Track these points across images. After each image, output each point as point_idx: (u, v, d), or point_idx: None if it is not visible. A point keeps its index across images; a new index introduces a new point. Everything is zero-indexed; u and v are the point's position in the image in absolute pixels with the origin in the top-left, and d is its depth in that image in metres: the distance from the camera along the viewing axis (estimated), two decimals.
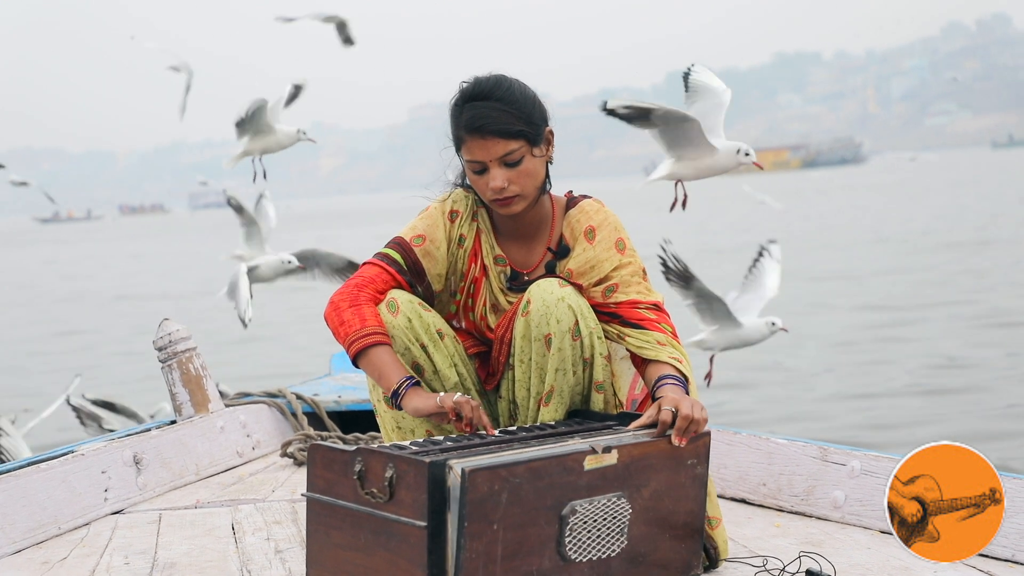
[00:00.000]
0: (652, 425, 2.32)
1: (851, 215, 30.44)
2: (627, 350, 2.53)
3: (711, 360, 4.62)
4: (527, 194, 2.52)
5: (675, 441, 2.26)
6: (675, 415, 2.28)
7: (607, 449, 2.17)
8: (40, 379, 11.49)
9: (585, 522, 2.15)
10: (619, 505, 2.19)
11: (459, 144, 2.53)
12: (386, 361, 2.46)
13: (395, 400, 2.45)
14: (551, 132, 2.57)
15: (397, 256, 2.59)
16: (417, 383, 2.45)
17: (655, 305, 2.53)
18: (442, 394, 2.39)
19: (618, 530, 2.20)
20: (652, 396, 2.44)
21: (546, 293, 2.45)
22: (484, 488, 2.02)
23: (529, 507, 2.08)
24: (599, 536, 2.18)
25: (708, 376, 4.57)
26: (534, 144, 2.51)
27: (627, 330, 2.50)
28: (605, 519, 2.18)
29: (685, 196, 3.99)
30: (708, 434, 2.32)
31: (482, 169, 2.50)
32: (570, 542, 2.14)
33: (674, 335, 2.51)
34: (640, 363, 2.51)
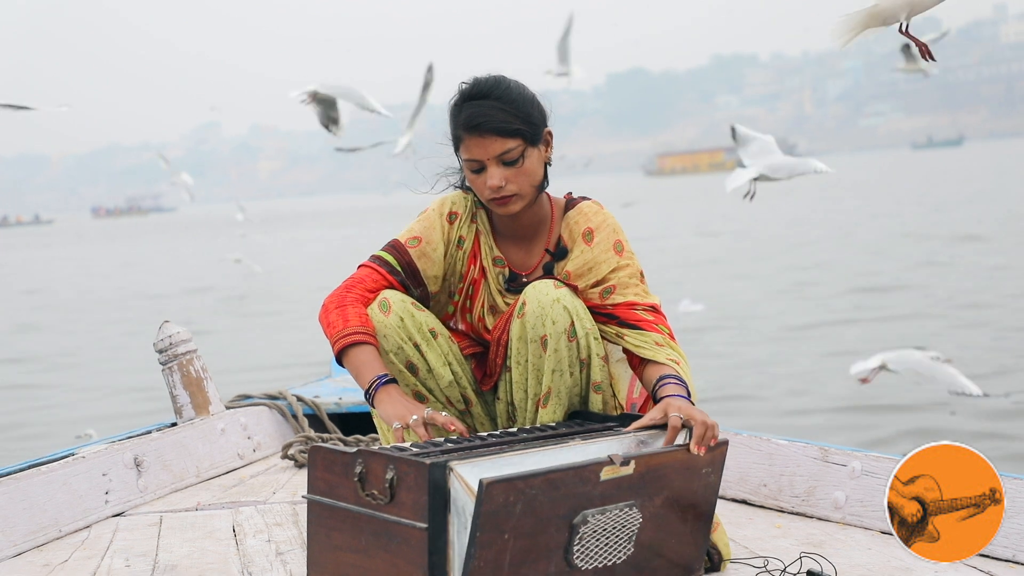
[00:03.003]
0: (655, 427, 2.32)
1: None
2: (624, 351, 2.53)
3: None
4: (525, 194, 2.51)
5: (694, 450, 2.24)
6: (683, 421, 2.27)
7: (625, 461, 2.14)
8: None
9: (595, 531, 2.14)
10: (630, 515, 2.18)
11: (457, 144, 2.54)
12: (363, 360, 2.45)
13: (368, 400, 2.45)
14: (550, 133, 2.57)
15: (390, 258, 2.59)
16: (390, 382, 2.43)
17: (652, 307, 2.53)
18: (396, 424, 2.36)
19: (626, 538, 2.19)
20: (652, 397, 2.43)
21: (541, 295, 2.45)
22: (500, 499, 2.00)
23: (542, 516, 2.07)
24: (607, 544, 2.17)
25: None
26: (532, 143, 2.50)
27: (624, 330, 2.50)
28: (615, 528, 2.17)
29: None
30: (726, 443, 2.31)
31: (480, 168, 2.50)
32: (578, 550, 2.13)
33: (671, 336, 2.51)
34: (637, 364, 2.51)
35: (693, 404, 2.35)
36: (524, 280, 2.60)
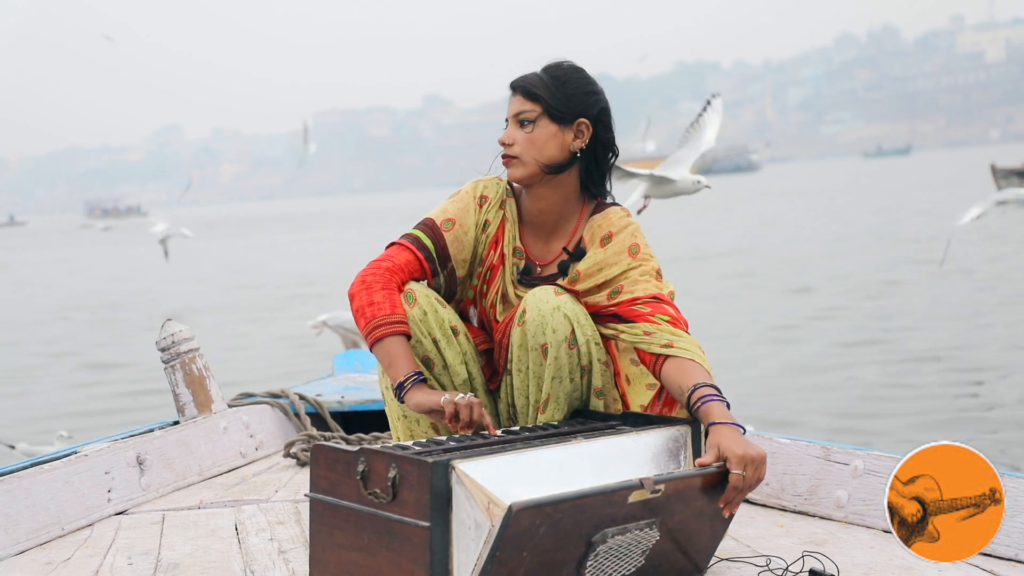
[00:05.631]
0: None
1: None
2: (636, 350, 2.51)
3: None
4: (527, 161, 2.54)
5: (724, 513, 2.27)
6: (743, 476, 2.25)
7: (655, 490, 2.13)
8: None
9: (611, 549, 2.13)
10: (648, 533, 2.17)
11: None
12: (400, 352, 2.47)
13: (399, 393, 2.45)
14: (587, 125, 2.57)
15: (425, 238, 2.60)
16: (423, 380, 2.45)
17: (655, 297, 2.49)
18: (446, 395, 2.38)
19: (640, 552, 2.18)
20: (688, 410, 2.38)
21: (541, 303, 2.45)
22: (526, 523, 1.99)
23: (563, 536, 2.06)
24: (620, 560, 2.16)
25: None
26: (552, 118, 2.54)
27: (621, 326, 2.49)
28: (631, 545, 2.17)
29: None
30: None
31: (506, 125, 2.59)
32: (592, 565, 2.12)
33: (673, 322, 2.47)
34: (650, 362, 2.47)
35: (741, 427, 2.30)
36: (538, 271, 2.60)
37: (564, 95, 2.55)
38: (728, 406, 2.34)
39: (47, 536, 2.83)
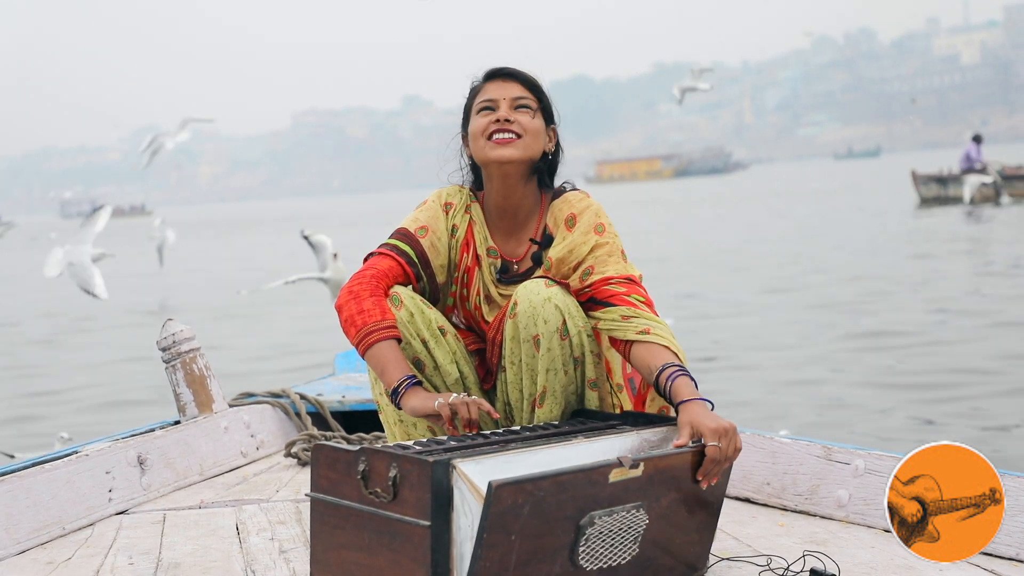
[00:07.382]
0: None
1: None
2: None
3: None
4: (525, 143, 2.55)
5: (703, 485, 2.26)
6: (720, 448, 2.25)
7: (634, 464, 2.15)
8: None
9: (601, 533, 2.14)
10: (636, 516, 2.18)
11: (472, 98, 2.60)
12: (392, 356, 2.47)
13: (394, 398, 2.45)
14: (554, 132, 2.63)
15: (405, 247, 2.60)
16: (418, 383, 2.45)
17: (627, 278, 2.51)
18: (439, 400, 2.38)
19: (632, 539, 2.19)
20: (656, 388, 2.39)
21: (532, 294, 2.45)
22: (508, 501, 2.00)
23: (549, 518, 2.06)
24: (613, 545, 2.16)
25: None
26: (543, 115, 2.58)
27: (598, 312, 2.48)
28: (621, 529, 2.17)
29: None
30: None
31: (490, 107, 2.56)
32: (584, 551, 2.12)
33: (648, 304, 2.48)
34: (620, 345, 2.48)
35: (709, 402, 2.32)
36: (515, 268, 2.61)
37: (547, 99, 2.62)
38: (696, 384, 2.35)
39: (48, 536, 2.84)
